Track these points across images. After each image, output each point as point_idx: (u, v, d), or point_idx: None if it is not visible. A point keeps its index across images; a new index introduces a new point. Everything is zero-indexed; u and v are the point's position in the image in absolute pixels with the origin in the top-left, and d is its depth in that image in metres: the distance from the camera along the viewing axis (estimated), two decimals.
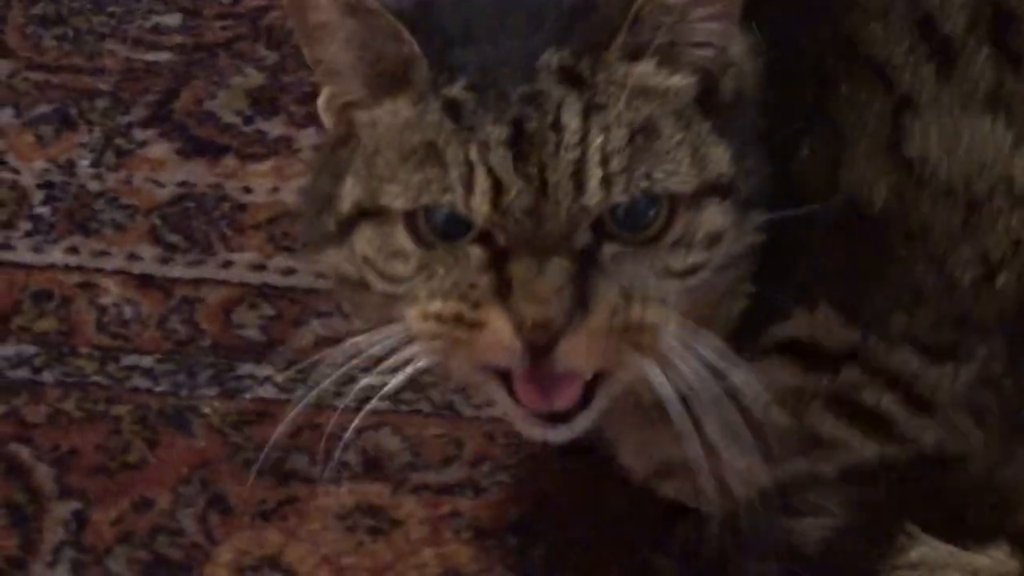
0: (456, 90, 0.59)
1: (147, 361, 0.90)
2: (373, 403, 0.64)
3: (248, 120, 1.08)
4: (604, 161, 0.57)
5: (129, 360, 0.90)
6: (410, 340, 0.60)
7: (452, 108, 0.58)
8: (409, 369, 0.61)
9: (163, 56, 1.13)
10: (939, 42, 0.66)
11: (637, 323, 0.59)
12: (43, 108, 1.07)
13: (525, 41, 0.60)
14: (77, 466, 0.83)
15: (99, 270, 0.96)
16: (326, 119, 0.65)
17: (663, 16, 0.58)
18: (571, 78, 0.59)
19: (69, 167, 1.03)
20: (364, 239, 0.62)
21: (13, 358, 0.89)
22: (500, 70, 0.59)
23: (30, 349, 0.90)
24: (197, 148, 1.05)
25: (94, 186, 1.02)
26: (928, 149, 0.65)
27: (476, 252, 0.59)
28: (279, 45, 1.14)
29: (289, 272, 0.96)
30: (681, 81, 0.61)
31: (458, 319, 0.59)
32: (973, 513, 0.76)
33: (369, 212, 0.61)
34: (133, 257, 0.97)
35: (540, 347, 0.56)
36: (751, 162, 0.62)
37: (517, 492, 0.83)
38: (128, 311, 0.93)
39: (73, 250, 0.97)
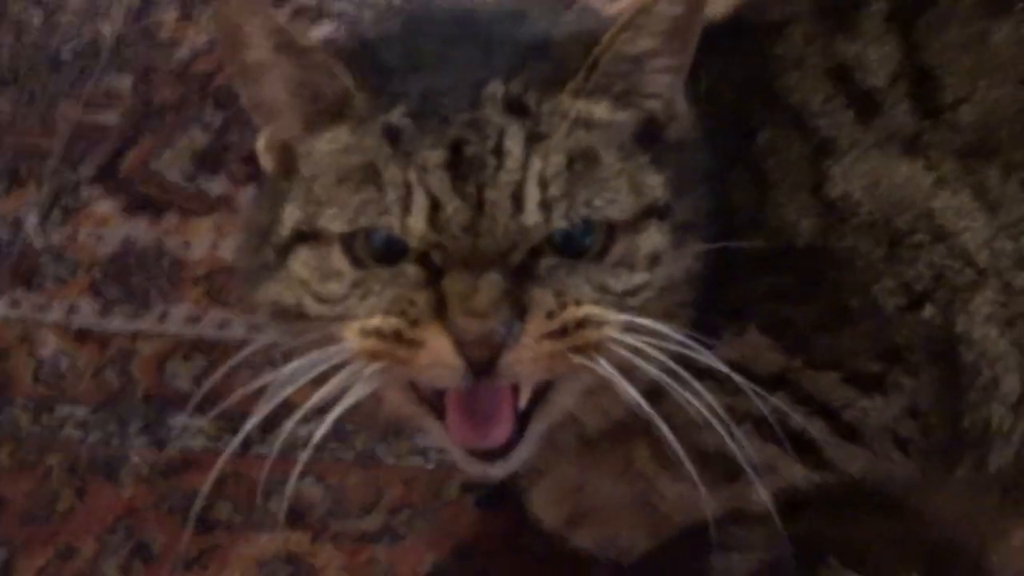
0: (395, 116, 0.58)
1: (80, 412, 0.91)
2: (308, 452, 0.62)
3: (191, 178, 1.09)
4: (543, 184, 0.57)
5: (63, 411, 0.91)
6: (346, 363, 0.58)
7: (391, 133, 0.58)
8: (347, 400, 0.58)
9: (113, 118, 1.15)
10: (859, 93, 0.67)
11: (577, 321, 0.58)
12: None
13: (471, 72, 0.60)
14: (5, 514, 0.84)
15: (39, 323, 0.97)
16: (265, 160, 0.64)
17: (620, 65, 0.59)
18: (515, 108, 0.59)
19: (16, 224, 1.04)
20: (301, 262, 0.61)
21: None
22: (442, 98, 0.59)
23: None
24: (141, 205, 1.06)
25: (39, 242, 1.03)
26: (850, 190, 0.66)
27: (413, 270, 0.58)
28: (225, 107, 1.16)
29: (224, 325, 0.97)
30: (624, 117, 0.61)
31: (397, 336, 0.57)
32: (886, 544, 0.77)
33: (306, 235, 0.60)
34: (73, 310, 0.98)
35: (483, 363, 0.56)
36: (690, 195, 0.63)
37: (434, 539, 0.83)
38: (64, 362, 0.94)
39: (15, 303, 0.98)
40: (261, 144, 0.64)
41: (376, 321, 0.57)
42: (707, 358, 0.60)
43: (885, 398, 0.68)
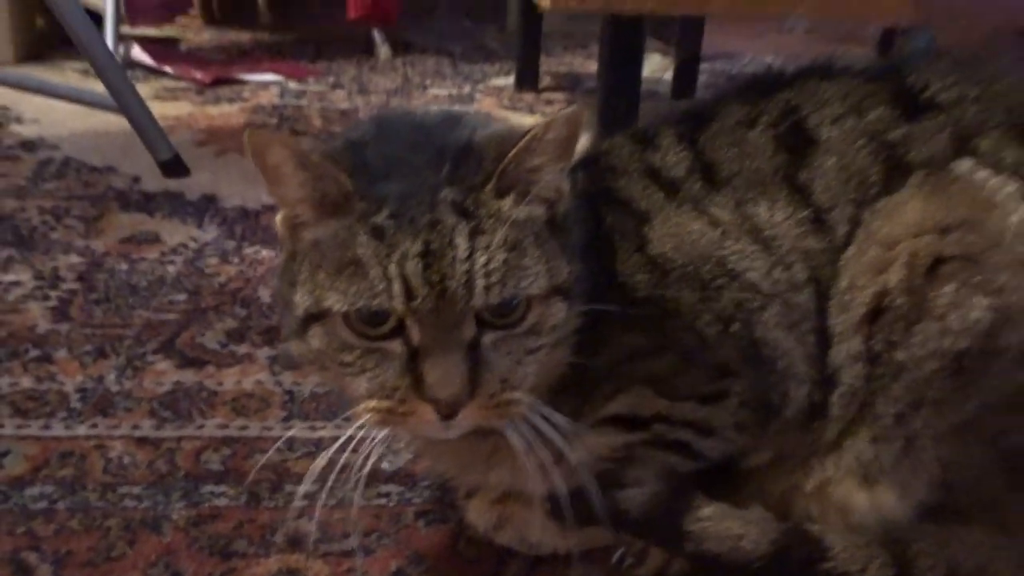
0: (380, 219, 0.55)
1: (136, 489, 0.81)
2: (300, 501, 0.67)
3: (224, 345, 1.05)
4: (486, 274, 0.55)
5: (123, 490, 0.81)
6: (360, 433, 0.59)
7: (377, 232, 0.55)
8: (374, 454, 0.60)
9: (172, 316, 1.11)
10: (666, 181, 0.68)
11: (506, 400, 0.57)
12: (87, 347, 1.03)
13: (429, 177, 0.57)
14: (71, 563, 0.72)
15: (110, 436, 0.88)
16: (282, 232, 0.61)
17: (521, 171, 0.58)
18: (461, 210, 0.56)
19: (99, 379, 0.97)
20: (316, 337, 0.58)
21: (36, 495, 0.80)
22: (412, 201, 0.55)
23: (49, 488, 0.81)
24: (189, 363, 1.01)
25: (115, 388, 0.96)
26: (664, 248, 0.66)
27: (396, 349, 0.56)
28: (247, 305, 1.14)
29: (244, 428, 0.90)
30: (536, 211, 0.59)
31: (391, 411, 0.57)
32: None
33: (316, 316, 0.57)
34: (136, 427, 0.90)
35: (448, 415, 0.56)
36: (574, 266, 0.61)
37: (396, 552, 0.75)
38: (127, 459, 0.85)
39: (94, 426, 0.90)
40: (279, 219, 0.61)
41: (374, 404, 0.57)
42: (558, 421, 0.61)
43: (726, 401, 0.67)
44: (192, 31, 2.91)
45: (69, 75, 2.20)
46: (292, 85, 2.29)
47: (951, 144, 0.65)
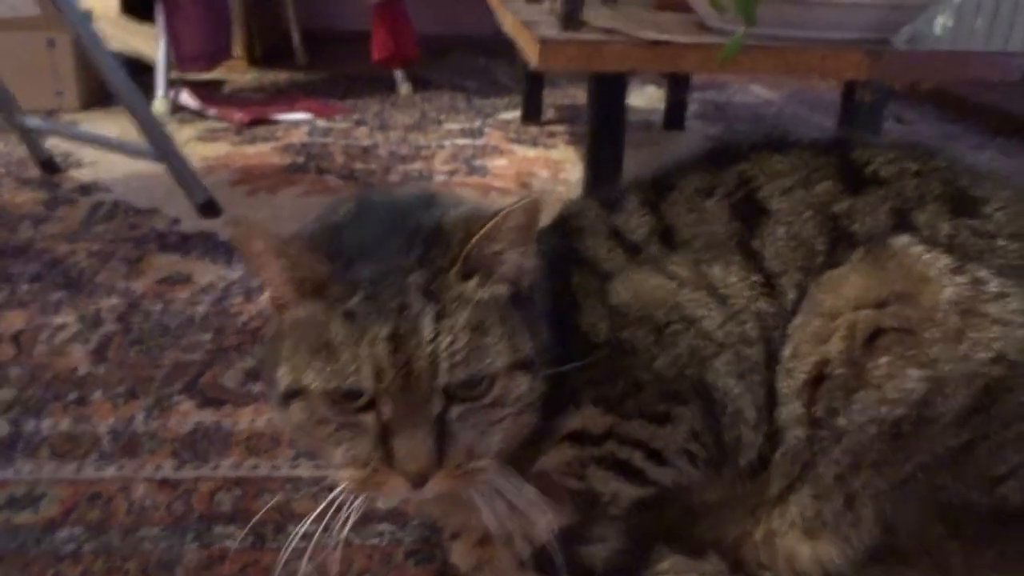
0: (353, 303, 0.53)
1: (155, 531, 0.79)
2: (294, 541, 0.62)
3: (243, 384, 1.03)
4: (450, 355, 0.52)
5: (143, 532, 0.79)
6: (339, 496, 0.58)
7: (349, 316, 0.53)
8: (353, 509, 0.58)
9: (197, 356, 1.10)
10: (628, 243, 0.66)
11: (472, 469, 0.55)
12: (119, 388, 1.02)
13: (400, 261, 0.54)
14: None
15: (134, 478, 0.86)
16: (270, 310, 0.59)
17: (485, 255, 0.55)
18: (428, 293, 0.53)
19: (130, 420, 0.96)
20: (297, 411, 0.56)
21: (66, 538, 0.78)
22: (382, 286, 0.53)
23: (78, 531, 0.79)
24: (209, 403, 0.99)
25: (141, 428, 0.95)
26: (623, 298, 0.63)
27: (369, 423, 0.54)
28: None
29: (255, 467, 0.88)
30: (500, 290, 0.56)
31: (365, 481, 0.55)
32: (694, 533, 0.69)
33: (296, 392, 0.55)
34: (158, 468, 0.88)
35: (417, 485, 0.54)
36: (539, 336, 0.58)
37: None
38: (148, 501, 0.83)
39: (120, 467, 0.88)
40: (265, 298, 0.59)
41: (350, 473, 0.56)
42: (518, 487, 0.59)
43: (673, 425, 0.63)
44: (237, 72, 2.91)
45: (126, 122, 2.20)
46: (320, 123, 2.27)
47: (891, 218, 0.62)
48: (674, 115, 2.23)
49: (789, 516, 0.64)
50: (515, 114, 2.40)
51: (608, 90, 1.26)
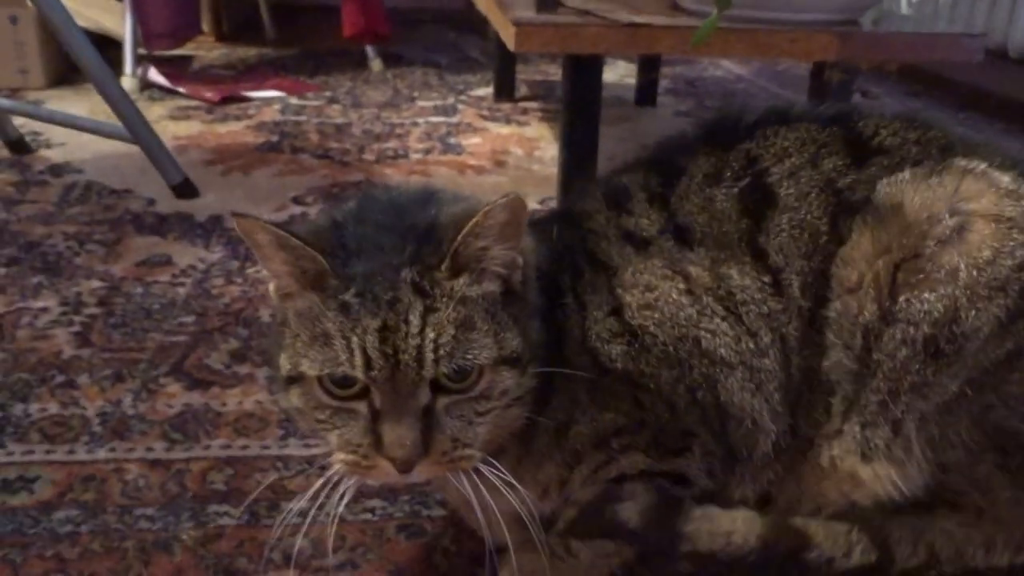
0: (348, 296, 0.55)
1: (150, 511, 0.81)
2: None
3: (228, 366, 1.04)
4: (435, 348, 0.54)
5: (138, 512, 0.81)
6: (333, 477, 0.59)
7: (344, 307, 0.55)
8: (343, 490, 0.60)
9: (181, 338, 1.10)
10: (639, 240, 0.67)
11: (458, 457, 0.57)
12: (106, 372, 1.03)
13: (395, 258, 0.56)
14: None
15: (126, 460, 0.88)
16: (274, 300, 0.61)
17: (471, 252, 0.56)
18: (418, 289, 0.55)
19: (117, 403, 0.97)
20: (296, 395, 0.58)
21: (63, 519, 0.79)
22: (377, 279, 0.55)
23: (74, 512, 0.80)
24: (196, 384, 1.00)
25: (130, 411, 0.95)
26: (644, 321, 0.64)
27: (362, 410, 0.56)
28: (248, 326, 1.13)
29: (245, 447, 0.90)
30: (489, 287, 0.58)
31: (356, 464, 0.57)
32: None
33: (295, 378, 0.58)
34: (149, 449, 0.90)
35: (404, 470, 0.56)
36: (531, 332, 0.59)
37: (380, 565, 0.75)
38: (141, 482, 0.85)
39: (112, 449, 0.89)
40: (271, 288, 0.61)
41: (342, 456, 0.58)
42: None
43: (689, 458, 0.66)
44: (205, 48, 2.85)
45: (95, 99, 2.15)
46: (293, 101, 2.24)
47: (887, 176, 0.65)
48: (646, 91, 2.25)
49: (845, 444, 0.65)
50: (488, 90, 2.39)
51: (584, 71, 1.27)
